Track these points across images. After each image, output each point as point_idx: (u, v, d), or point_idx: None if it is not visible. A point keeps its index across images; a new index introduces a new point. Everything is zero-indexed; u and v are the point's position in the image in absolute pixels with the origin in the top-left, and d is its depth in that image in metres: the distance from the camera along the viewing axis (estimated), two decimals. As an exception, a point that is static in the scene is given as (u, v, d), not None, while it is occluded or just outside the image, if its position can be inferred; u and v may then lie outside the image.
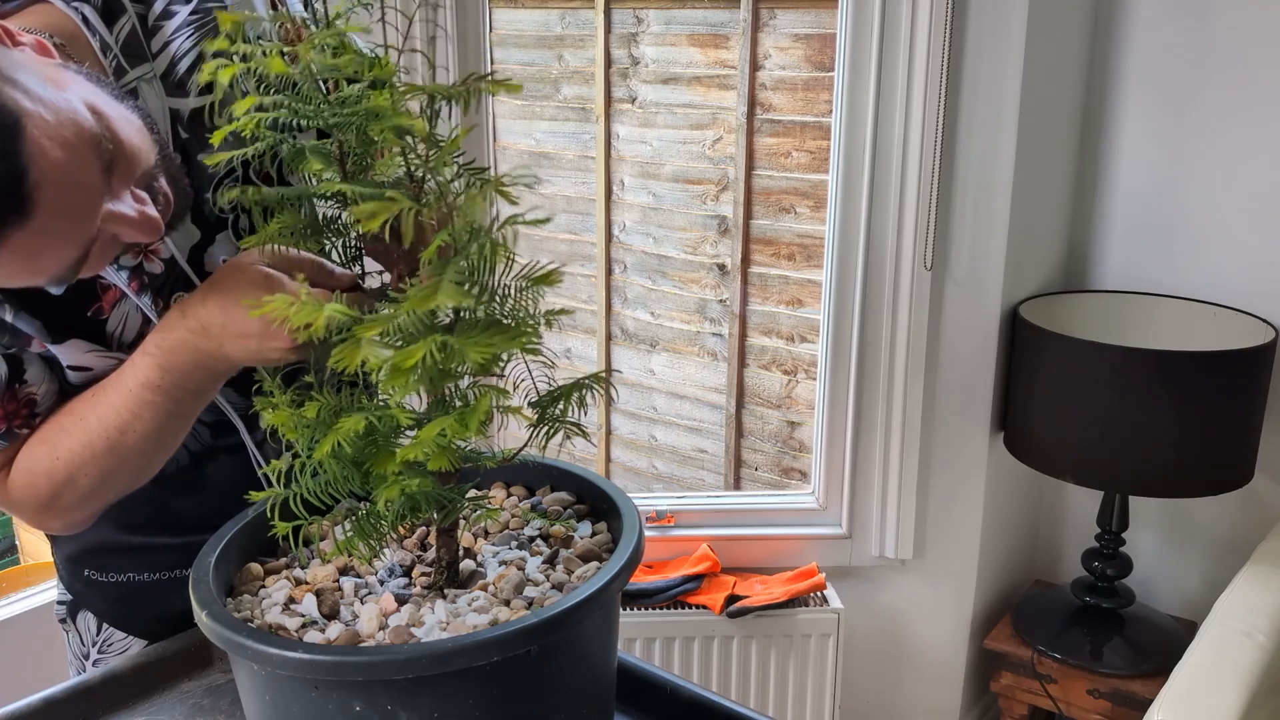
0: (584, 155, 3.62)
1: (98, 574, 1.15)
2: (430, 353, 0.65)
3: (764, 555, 2.20)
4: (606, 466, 3.87)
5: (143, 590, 1.15)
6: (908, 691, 2.31)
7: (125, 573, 1.14)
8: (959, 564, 2.21)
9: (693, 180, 3.42)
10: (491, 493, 0.94)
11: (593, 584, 0.73)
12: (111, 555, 1.14)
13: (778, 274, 3.32)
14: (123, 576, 1.15)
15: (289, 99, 0.72)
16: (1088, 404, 1.89)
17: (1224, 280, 2.11)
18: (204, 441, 1.08)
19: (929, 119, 1.94)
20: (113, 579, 1.15)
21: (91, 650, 1.18)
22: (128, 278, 0.96)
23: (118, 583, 1.15)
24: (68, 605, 1.19)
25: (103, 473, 0.96)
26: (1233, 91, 2.04)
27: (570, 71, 3.59)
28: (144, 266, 0.97)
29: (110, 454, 0.94)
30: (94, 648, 1.18)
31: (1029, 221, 2.08)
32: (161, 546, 1.13)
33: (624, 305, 3.70)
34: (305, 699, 0.70)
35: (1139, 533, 2.26)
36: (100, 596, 1.16)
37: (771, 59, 3.17)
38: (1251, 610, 1.68)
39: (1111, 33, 2.14)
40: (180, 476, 1.08)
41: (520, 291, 0.72)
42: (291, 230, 0.80)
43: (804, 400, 3.36)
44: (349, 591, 0.80)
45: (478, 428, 0.69)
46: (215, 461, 1.09)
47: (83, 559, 1.15)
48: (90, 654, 1.19)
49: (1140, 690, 1.99)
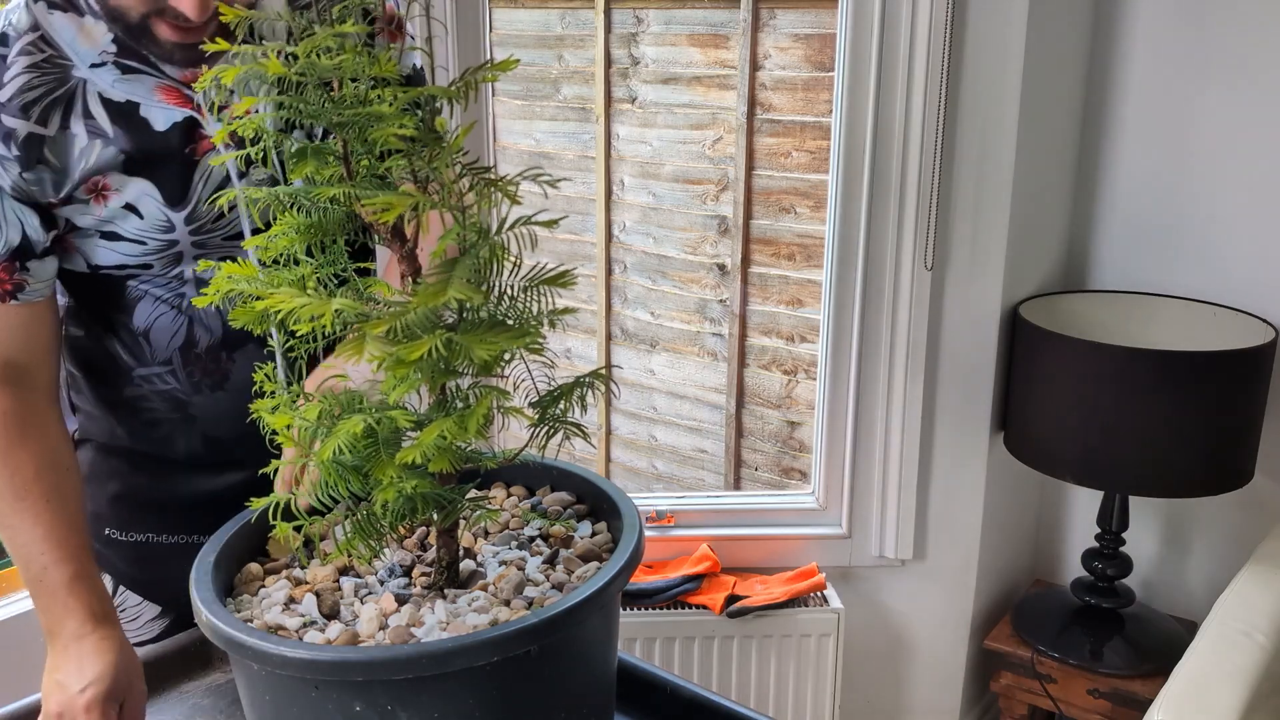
0: (584, 155, 3.62)
1: (119, 533, 1.20)
2: (435, 347, 0.65)
3: (764, 555, 2.20)
4: (606, 466, 3.87)
5: (161, 553, 1.20)
6: (908, 691, 2.31)
7: (145, 532, 1.20)
8: (959, 564, 2.21)
9: (693, 180, 3.42)
10: (491, 493, 0.94)
11: (593, 584, 0.73)
12: (133, 511, 1.19)
13: (778, 274, 3.32)
14: (142, 536, 1.20)
15: (292, 99, 0.72)
16: (1088, 404, 1.89)
17: (1224, 280, 2.11)
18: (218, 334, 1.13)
19: (929, 119, 1.94)
20: (133, 538, 1.20)
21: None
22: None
23: (137, 543, 1.20)
24: None
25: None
26: (1233, 91, 2.04)
27: (570, 71, 3.59)
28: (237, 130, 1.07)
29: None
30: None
31: (1029, 221, 2.08)
32: (180, 504, 1.19)
33: (624, 305, 3.70)
34: (305, 699, 0.70)
35: (1139, 533, 2.26)
36: (119, 556, 1.21)
37: (771, 59, 3.17)
38: (1251, 610, 1.68)
39: (1111, 33, 2.14)
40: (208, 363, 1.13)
41: (524, 291, 0.72)
42: (295, 230, 0.79)
43: (804, 400, 3.36)
44: (349, 591, 0.80)
45: (477, 430, 0.69)
46: (242, 351, 1.14)
47: (105, 516, 1.20)
48: None
49: (1140, 690, 1.99)
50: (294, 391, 0.80)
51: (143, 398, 1.15)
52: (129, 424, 1.17)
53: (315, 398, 0.76)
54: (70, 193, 1.02)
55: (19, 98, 0.99)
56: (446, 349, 0.66)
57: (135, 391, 1.14)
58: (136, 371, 1.13)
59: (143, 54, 1.02)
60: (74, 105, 1.01)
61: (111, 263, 1.07)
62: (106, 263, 1.07)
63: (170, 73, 1.04)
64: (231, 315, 0.76)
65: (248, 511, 0.85)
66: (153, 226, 1.05)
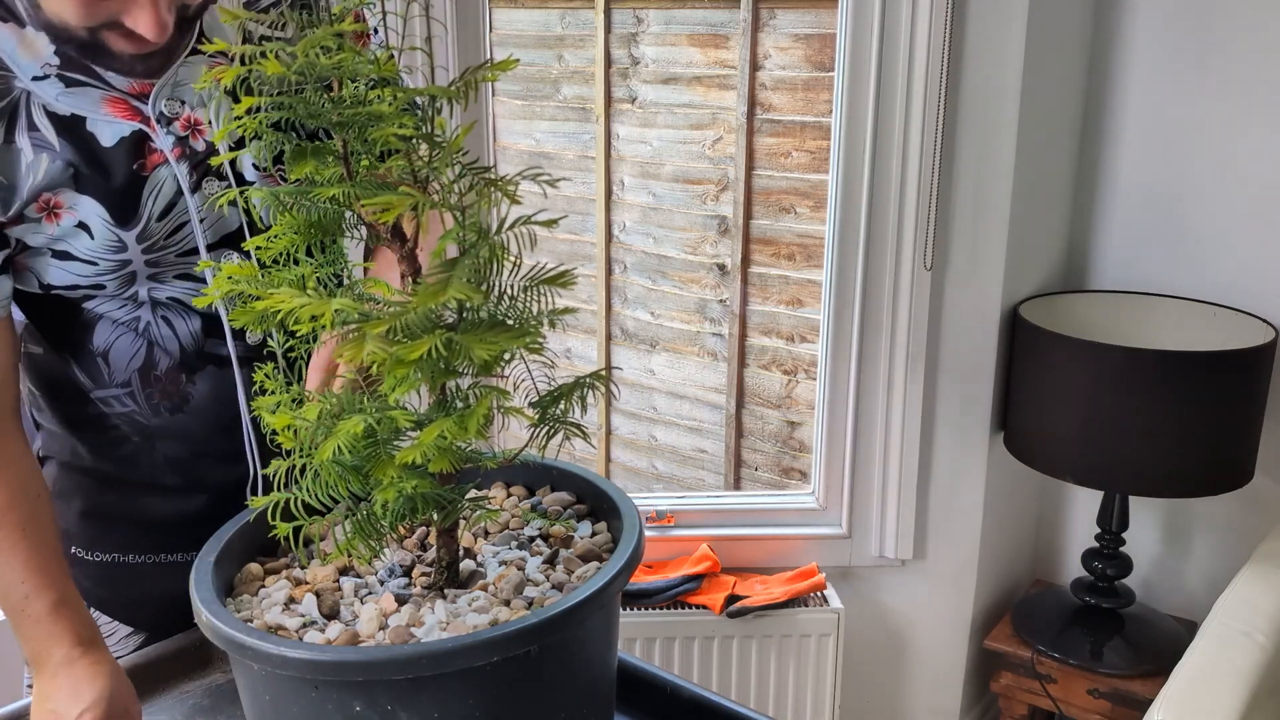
0: (584, 155, 3.62)
1: (84, 552, 1.19)
2: (435, 347, 0.65)
3: (764, 555, 2.20)
4: (606, 466, 3.87)
5: (129, 573, 1.19)
6: (908, 691, 2.31)
7: (111, 551, 1.19)
8: (959, 564, 2.21)
9: (693, 180, 3.42)
10: (491, 493, 0.94)
11: (593, 584, 0.73)
12: (100, 529, 1.18)
13: (778, 274, 3.32)
14: (108, 556, 1.19)
15: (291, 100, 0.72)
16: (1088, 404, 1.89)
17: (1224, 280, 2.11)
18: (192, 347, 1.12)
19: (929, 119, 1.94)
20: (98, 558, 1.19)
21: None
22: (173, 144, 1.04)
23: (102, 563, 1.19)
24: None
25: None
26: (1233, 91, 2.04)
27: (570, 71, 3.59)
28: (189, 142, 1.05)
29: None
30: None
31: (1029, 221, 2.08)
32: (147, 524, 1.17)
33: (624, 305, 3.70)
34: (305, 699, 0.70)
35: (1139, 533, 2.26)
36: (87, 576, 1.19)
37: (771, 59, 3.17)
38: (1251, 610, 1.68)
39: (1111, 33, 2.14)
40: (168, 385, 1.12)
41: (524, 291, 0.72)
42: (295, 229, 0.79)
43: (804, 400, 3.36)
44: (349, 591, 0.80)
45: (477, 430, 0.69)
46: (202, 374, 1.13)
47: (72, 535, 1.19)
48: None
49: (1140, 690, 1.99)
50: (294, 392, 0.80)
51: (103, 417, 1.13)
52: (91, 443, 1.15)
53: (315, 397, 0.76)
54: (20, 210, 1.00)
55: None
56: (446, 349, 0.66)
57: (95, 411, 1.13)
58: (95, 393, 1.12)
59: (89, 66, 0.99)
60: (17, 118, 0.98)
61: (64, 283, 1.04)
62: (59, 283, 1.04)
63: (118, 85, 1.01)
64: (231, 315, 0.76)
65: (247, 511, 0.85)
66: (104, 247, 1.03)
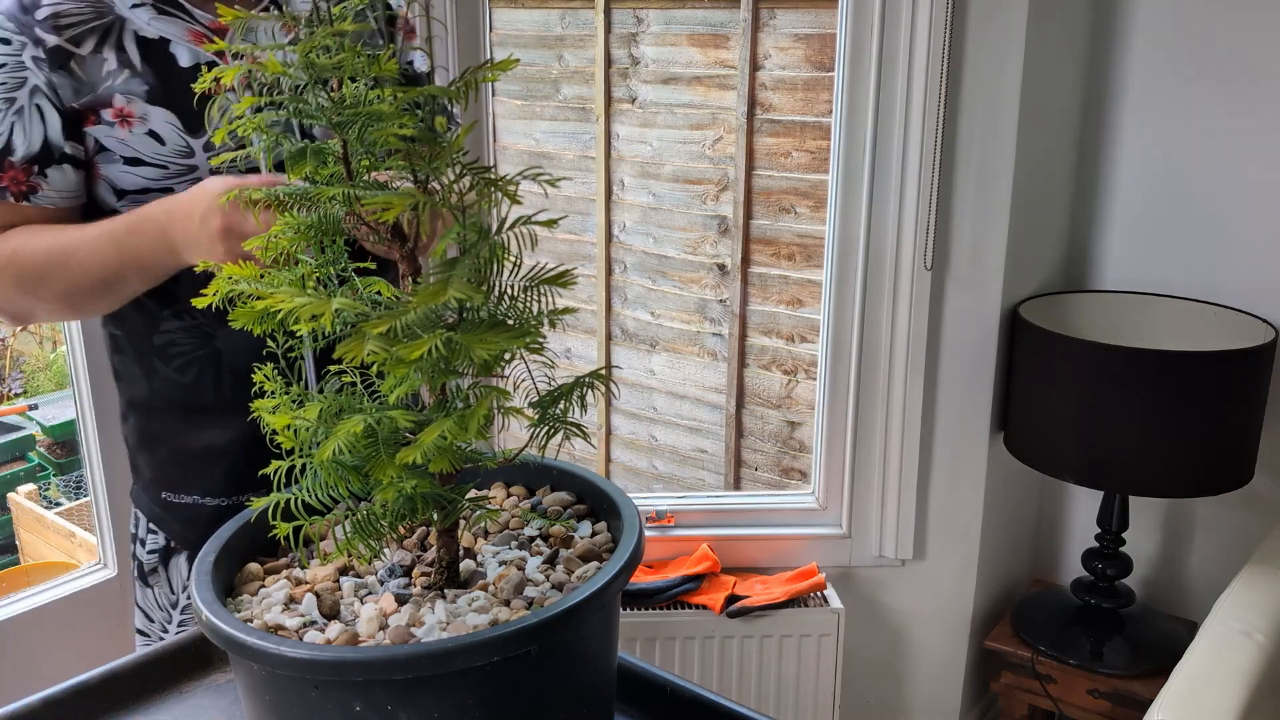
0: (584, 155, 3.62)
1: (172, 495, 1.26)
2: (435, 347, 0.65)
3: (764, 555, 2.20)
4: (606, 466, 3.87)
5: (208, 515, 1.24)
6: (908, 691, 2.31)
7: (193, 494, 1.25)
8: (959, 564, 2.21)
9: (693, 180, 3.42)
10: (491, 493, 0.94)
11: (593, 584, 0.73)
12: (182, 471, 1.25)
13: (778, 274, 3.32)
14: (190, 499, 1.26)
15: (291, 100, 0.72)
16: (1088, 404, 1.89)
17: (1224, 280, 2.11)
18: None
19: (929, 119, 1.94)
20: (183, 500, 1.26)
21: (181, 597, 1.29)
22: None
23: (187, 504, 1.26)
24: (160, 552, 1.29)
25: (65, 285, 1.13)
26: (1233, 91, 2.04)
27: (570, 71, 3.59)
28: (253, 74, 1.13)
29: (62, 269, 1.11)
30: (184, 594, 1.29)
31: (1029, 221, 2.08)
32: (219, 458, 1.23)
33: (624, 305, 3.70)
34: (305, 699, 0.71)
35: (1139, 533, 2.26)
36: (175, 519, 1.26)
37: (771, 59, 3.17)
38: (1251, 610, 1.68)
39: (1112, 32, 2.14)
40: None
41: (524, 291, 0.72)
42: (296, 229, 0.79)
43: (804, 400, 3.36)
44: (349, 591, 0.80)
45: (477, 430, 0.69)
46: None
47: (160, 480, 1.26)
48: (179, 601, 1.29)
49: (1140, 690, 1.99)
50: (294, 392, 0.80)
51: (172, 343, 1.21)
52: (162, 373, 1.23)
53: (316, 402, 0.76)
54: (93, 103, 1.12)
55: (52, 19, 1.10)
56: (446, 349, 0.66)
57: (165, 338, 1.21)
58: (164, 313, 1.21)
59: (179, 2, 1.15)
60: (109, 38, 1.12)
61: (136, 187, 1.14)
62: (131, 187, 1.14)
63: (201, 19, 1.15)
64: (231, 316, 0.76)
65: (248, 511, 0.85)
66: (173, 152, 1.14)
